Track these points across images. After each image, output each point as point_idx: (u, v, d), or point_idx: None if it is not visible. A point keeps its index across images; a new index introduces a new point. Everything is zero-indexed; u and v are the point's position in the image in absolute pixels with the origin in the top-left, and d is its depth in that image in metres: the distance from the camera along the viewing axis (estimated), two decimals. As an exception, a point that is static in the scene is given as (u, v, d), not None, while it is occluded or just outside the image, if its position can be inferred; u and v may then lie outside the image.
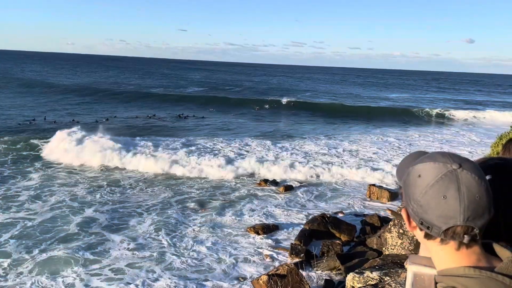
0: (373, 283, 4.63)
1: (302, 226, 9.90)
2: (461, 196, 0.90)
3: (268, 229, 9.80)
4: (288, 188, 13.26)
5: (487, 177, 0.98)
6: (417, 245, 6.36)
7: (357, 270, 5.00)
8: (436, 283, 1.00)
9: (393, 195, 12.46)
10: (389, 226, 7.24)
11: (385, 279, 4.61)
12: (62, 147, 16.57)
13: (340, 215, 10.95)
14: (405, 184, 1.01)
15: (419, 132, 26.18)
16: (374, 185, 13.03)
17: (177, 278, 7.67)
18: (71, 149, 16.32)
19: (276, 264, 8.01)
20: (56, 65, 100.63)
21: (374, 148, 19.74)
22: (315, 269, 7.85)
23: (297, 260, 8.01)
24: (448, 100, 48.59)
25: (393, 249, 6.98)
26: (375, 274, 4.72)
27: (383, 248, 7.53)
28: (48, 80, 52.61)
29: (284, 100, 38.05)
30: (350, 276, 4.89)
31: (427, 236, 0.99)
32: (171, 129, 23.91)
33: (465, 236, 0.93)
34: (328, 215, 10.19)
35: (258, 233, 9.60)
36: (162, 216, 10.71)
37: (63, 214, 10.58)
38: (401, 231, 6.94)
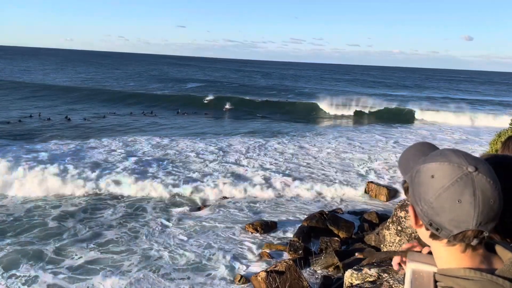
0: (371, 279, 4.64)
1: (301, 223, 9.92)
2: (476, 201, 0.88)
3: (266, 226, 9.79)
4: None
5: None
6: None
7: (355, 267, 5.00)
8: (435, 281, 1.00)
9: (391, 192, 12.46)
10: (388, 223, 7.24)
11: (383, 276, 4.61)
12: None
13: (338, 212, 10.96)
14: (413, 182, 0.98)
15: (405, 130, 26.27)
16: (372, 182, 13.05)
17: (174, 277, 7.67)
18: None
19: (275, 261, 8.02)
20: (55, 62, 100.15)
21: (368, 147, 19.80)
22: (313, 266, 7.87)
23: (295, 257, 8.02)
24: (439, 99, 48.47)
25: (391, 246, 6.98)
26: (373, 271, 4.72)
27: (381, 245, 7.53)
28: (47, 77, 52.40)
29: (276, 99, 38.71)
30: (348, 273, 4.89)
31: (433, 236, 0.97)
32: (169, 128, 23.89)
33: (475, 239, 0.92)
34: (327, 212, 10.21)
35: (256, 230, 9.60)
36: (160, 215, 10.72)
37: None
38: (399, 228, 6.94)
